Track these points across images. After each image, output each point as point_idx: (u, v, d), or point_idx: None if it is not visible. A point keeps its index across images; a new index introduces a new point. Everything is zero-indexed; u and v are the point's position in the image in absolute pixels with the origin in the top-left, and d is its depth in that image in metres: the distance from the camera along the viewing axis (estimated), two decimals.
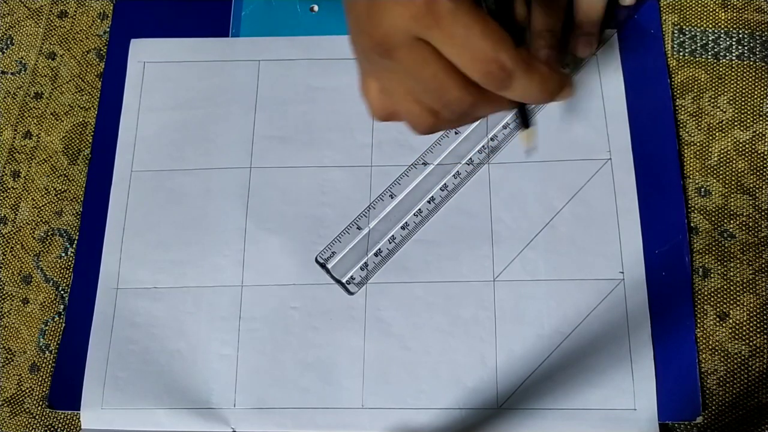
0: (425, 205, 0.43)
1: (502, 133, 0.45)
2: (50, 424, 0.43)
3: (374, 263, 0.42)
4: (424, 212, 0.43)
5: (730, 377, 0.40)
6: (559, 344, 0.40)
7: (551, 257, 0.42)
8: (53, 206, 0.47)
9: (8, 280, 0.45)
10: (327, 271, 0.42)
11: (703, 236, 0.42)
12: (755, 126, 0.44)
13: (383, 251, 0.43)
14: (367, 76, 0.37)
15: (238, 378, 0.41)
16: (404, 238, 0.43)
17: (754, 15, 0.46)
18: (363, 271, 0.42)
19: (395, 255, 0.43)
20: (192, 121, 0.47)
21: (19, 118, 0.49)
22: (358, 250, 0.43)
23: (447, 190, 0.44)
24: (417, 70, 0.32)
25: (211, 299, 0.43)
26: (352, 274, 0.42)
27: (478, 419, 0.40)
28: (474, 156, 0.44)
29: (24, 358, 0.44)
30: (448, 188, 0.44)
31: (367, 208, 0.44)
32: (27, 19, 0.51)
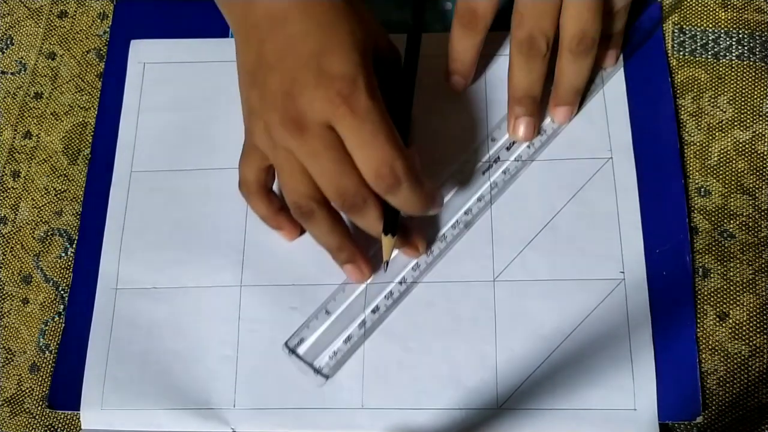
0: (396, 287, 0.42)
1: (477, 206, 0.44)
2: (50, 424, 0.43)
3: (343, 352, 0.41)
4: (395, 294, 0.41)
5: (730, 377, 0.40)
6: (560, 344, 0.40)
7: (552, 257, 0.42)
8: (53, 206, 0.47)
9: (8, 280, 0.45)
10: (299, 357, 0.40)
11: (703, 236, 0.42)
12: (755, 126, 0.44)
13: (353, 337, 0.41)
14: (253, 150, 0.39)
15: (237, 378, 0.41)
16: (374, 323, 0.41)
17: (754, 15, 0.46)
18: (332, 360, 0.40)
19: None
20: (192, 122, 0.47)
21: (19, 118, 0.49)
22: (328, 335, 0.41)
23: (419, 269, 0.42)
24: (320, 152, 0.35)
25: (211, 299, 0.43)
26: (321, 365, 0.41)
27: (478, 419, 0.40)
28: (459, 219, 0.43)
29: (24, 358, 0.44)
30: (420, 267, 0.42)
31: (335, 291, 0.42)
32: (27, 19, 0.51)
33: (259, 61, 0.36)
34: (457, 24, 0.41)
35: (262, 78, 0.36)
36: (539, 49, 0.39)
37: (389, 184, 0.34)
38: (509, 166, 0.43)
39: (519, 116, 0.42)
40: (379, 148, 0.34)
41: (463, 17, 0.41)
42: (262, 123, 0.36)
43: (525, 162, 0.43)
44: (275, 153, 0.37)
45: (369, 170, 0.34)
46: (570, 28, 0.39)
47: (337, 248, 0.39)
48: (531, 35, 0.39)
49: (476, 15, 0.40)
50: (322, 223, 0.38)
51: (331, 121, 0.34)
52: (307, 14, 0.36)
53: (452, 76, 0.44)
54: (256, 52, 0.37)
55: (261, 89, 0.36)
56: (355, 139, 0.34)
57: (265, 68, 0.36)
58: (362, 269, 0.40)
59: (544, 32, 0.39)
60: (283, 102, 0.35)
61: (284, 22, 0.36)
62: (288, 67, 0.35)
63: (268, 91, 0.36)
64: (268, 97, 0.36)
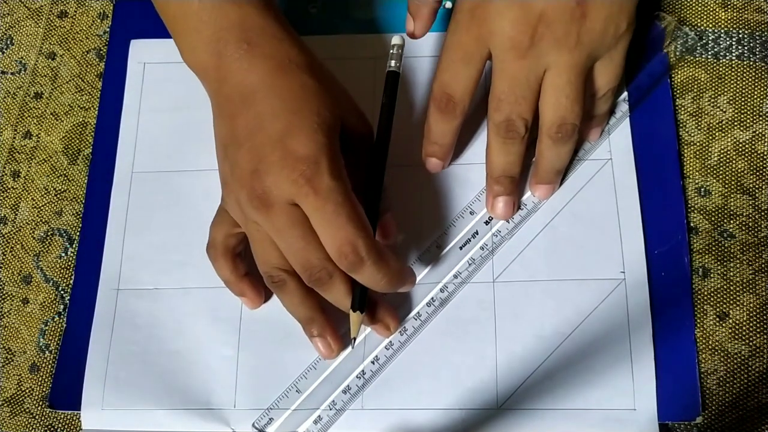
0: (369, 365, 0.41)
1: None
2: (50, 424, 0.43)
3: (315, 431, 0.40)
4: (367, 374, 0.40)
5: (730, 377, 0.40)
6: (559, 344, 0.40)
7: (551, 257, 0.42)
8: (53, 206, 0.47)
9: (8, 280, 0.45)
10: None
11: (702, 236, 0.42)
12: (755, 126, 0.44)
13: (323, 418, 0.40)
14: (225, 215, 0.40)
15: (238, 378, 0.41)
16: (346, 403, 0.40)
17: (754, 15, 0.46)
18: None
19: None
20: (193, 122, 0.47)
21: (19, 118, 0.49)
22: (298, 415, 0.40)
23: (392, 348, 0.41)
24: (285, 228, 0.36)
25: (212, 300, 0.43)
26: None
27: (478, 419, 0.40)
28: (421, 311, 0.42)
29: (24, 358, 0.44)
30: (393, 346, 0.41)
31: (307, 368, 0.41)
32: (27, 19, 0.51)
33: (231, 136, 0.37)
34: (434, 108, 0.41)
35: (232, 154, 0.37)
36: (517, 132, 0.39)
37: (352, 262, 0.35)
38: (487, 242, 0.42)
39: (497, 195, 0.42)
40: (341, 227, 0.35)
41: (440, 102, 0.40)
42: (233, 195, 0.38)
43: (504, 237, 0.42)
44: (246, 224, 0.38)
45: (332, 248, 0.35)
46: (549, 115, 0.39)
47: (307, 320, 0.39)
48: (509, 119, 0.39)
49: (452, 100, 0.40)
50: (293, 294, 0.38)
51: (295, 199, 0.35)
52: (275, 93, 0.37)
53: (429, 158, 0.43)
54: (228, 126, 0.38)
55: (232, 164, 0.37)
56: (319, 219, 0.35)
57: (236, 144, 0.37)
58: (331, 345, 0.40)
59: (522, 116, 0.39)
60: (251, 179, 0.36)
61: (253, 99, 0.37)
62: (256, 145, 0.36)
63: (237, 167, 0.37)
64: (237, 172, 0.37)
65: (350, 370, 0.41)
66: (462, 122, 0.41)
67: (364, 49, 0.47)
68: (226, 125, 0.38)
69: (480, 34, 0.38)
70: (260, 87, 0.37)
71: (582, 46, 0.37)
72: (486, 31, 0.38)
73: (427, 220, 0.43)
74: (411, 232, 0.43)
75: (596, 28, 0.37)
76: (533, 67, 0.38)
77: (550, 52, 0.37)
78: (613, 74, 0.40)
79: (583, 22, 0.37)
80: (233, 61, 0.37)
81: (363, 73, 0.47)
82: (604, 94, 0.41)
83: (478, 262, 0.42)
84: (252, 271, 0.40)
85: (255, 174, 0.36)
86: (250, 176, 0.36)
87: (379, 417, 0.40)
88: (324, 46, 0.47)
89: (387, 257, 0.36)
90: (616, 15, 0.38)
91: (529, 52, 0.37)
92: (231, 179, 0.37)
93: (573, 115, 0.39)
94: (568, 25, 0.37)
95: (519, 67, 0.38)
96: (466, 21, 0.39)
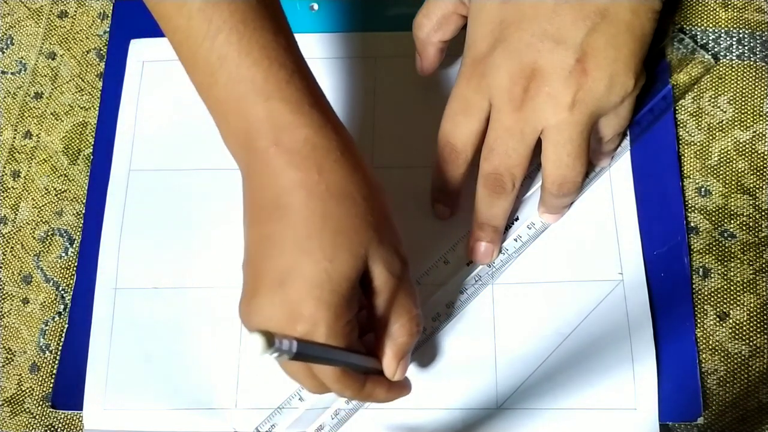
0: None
1: None
2: (50, 424, 0.43)
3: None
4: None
5: (731, 377, 0.40)
6: (559, 344, 0.40)
7: (551, 258, 0.42)
8: (53, 206, 0.47)
9: (8, 280, 0.45)
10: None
11: (703, 236, 0.42)
12: (755, 126, 0.44)
13: (325, 427, 0.40)
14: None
15: (239, 378, 0.41)
16: (348, 414, 0.40)
17: (755, 15, 0.46)
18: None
19: None
20: (191, 121, 0.47)
21: (19, 118, 0.49)
22: (301, 423, 0.40)
23: None
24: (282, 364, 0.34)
25: (212, 299, 0.43)
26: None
27: (478, 419, 0.40)
28: None
29: (24, 358, 0.44)
30: None
31: None
32: (27, 19, 0.51)
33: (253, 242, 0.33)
34: (439, 156, 0.41)
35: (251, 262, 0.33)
36: (503, 187, 0.38)
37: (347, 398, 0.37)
38: (494, 261, 0.42)
39: (478, 240, 0.41)
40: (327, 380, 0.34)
41: (443, 150, 0.40)
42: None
43: (511, 255, 0.42)
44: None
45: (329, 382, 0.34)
46: (550, 171, 0.38)
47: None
48: (497, 172, 0.38)
49: (455, 150, 0.40)
50: None
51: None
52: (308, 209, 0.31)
53: (436, 204, 0.43)
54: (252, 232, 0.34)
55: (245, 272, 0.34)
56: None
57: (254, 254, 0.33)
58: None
59: (510, 170, 0.38)
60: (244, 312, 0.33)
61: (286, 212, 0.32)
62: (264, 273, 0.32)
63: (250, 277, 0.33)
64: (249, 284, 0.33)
65: None
66: (467, 170, 0.40)
67: (365, 48, 0.47)
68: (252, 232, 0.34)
69: (480, 86, 0.38)
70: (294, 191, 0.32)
71: (583, 104, 0.37)
72: (485, 84, 0.38)
73: (435, 234, 0.43)
74: (419, 247, 0.42)
75: (599, 87, 0.36)
76: (529, 120, 0.37)
77: (546, 107, 0.37)
78: (619, 126, 0.40)
79: (584, 80, 0.36)
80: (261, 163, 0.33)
81: (363, 73, 0.47)
82: (610, 139, 0.41)
83: (485, 279, 0.42)
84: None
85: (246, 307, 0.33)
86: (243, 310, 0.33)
87: (379, 417, 0.40)
88: (323, 45, 0.47)
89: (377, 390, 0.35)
90: (621, 74, 0.37)
91: (524, 105, 0.37)
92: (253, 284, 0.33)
93: (575, 173, 0.38)
94: (566, 81, 0.36)
95: (514, 120, 0.37)
96: (468, 73, 0.39)
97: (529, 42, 0.37)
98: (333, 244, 0.31)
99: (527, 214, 0.43)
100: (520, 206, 0.43)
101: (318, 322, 0.31)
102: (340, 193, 0.32)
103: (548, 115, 0.37)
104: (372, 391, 0.35)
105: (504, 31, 0.38)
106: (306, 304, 0.31)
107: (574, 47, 0.36)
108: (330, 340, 0.31)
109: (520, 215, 0.43)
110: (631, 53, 0.37)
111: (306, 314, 0.31)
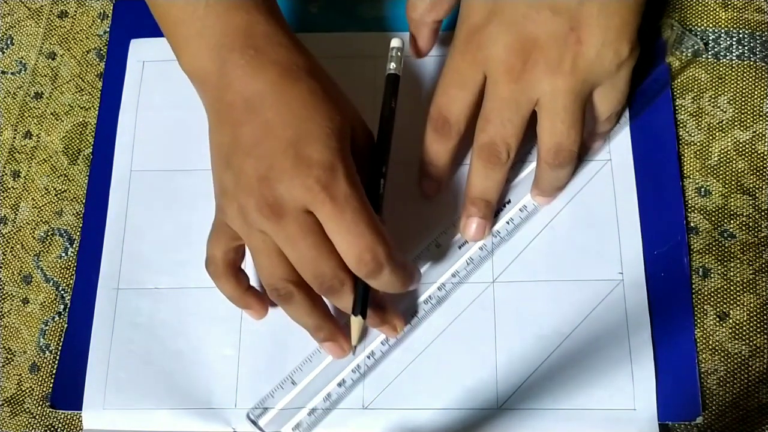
0: (364, 360, 0.41)
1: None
2: (50, 424, 0.43)
3: (308, 423, 0.40)
4: (362, 368, 0.41)
5: (730, 377, 0.40)
6: (559, 345, 0.40)
7: (551, 258, 0.42)
8: (53, 206, 0.47)
9: (8, 280, 0.45)
10: (259, 429, 0.40)
11: (703, 236, 0.42)
12: (755, 126, 0.44)
13: (318, 409, 0.40)
14: (223, 228, 0.38)
15: (239, 378, 0.41)
16: (340, 396, 0.40)
17: (755, 15, 0.46)
18: (296, 430, 0.40)
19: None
20: (192, 121, 0.46)
21: (19, 118, 0.49)
22: (293, 406, 0.40)
23: (388, 344, 0.41)
24: (298, 237, 0.34)
25: (213, 300, 0.43)
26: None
27: (478, 419, 0.40)
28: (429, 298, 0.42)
29: (24, 358, 0.44)
30: (389, 342, 0.41)
31: (303, 361, 0.41)
32: (27, 19, 0.51)
33: (235, 144, 0.36)
34: (430, 129, 0.41)
35: (237, 162, 0.36)
36: (498, 158, 0.39)
37: (372, 269, 0.34)
38: (486, 242, 0.42)
39: (471, 216, 0.41)
40: (360, 235, 0.34)
41: (436, 123, 0.40)
42: (236, 205, 0.36)
43: (503, 238, 0.42)
44: (250, 235, 0.36)
45: (351, 256, 0.34)
46: (545, 140, 0.38)
47: (316, 328, 0.39)
48: (492, 142, 0.38)
49: (448, 122, 0.40)
50: (300, 305, 0.37)
51: (309, 206, 0.34)
52: (284, 100, 0.36)
53: (424, 179, 0.43)
54: (231, 134, 0.36)
55: (236, 173, 0.36)
56: (336, 226, 0.34)
57: (241, 152, 0.35)
58: (342, 346, 0.39)
59: (506, 140, 0.38)
60: (260, 187, 0.34)
61: (260, 107, 0.35)
62: (264, 153, 0.35)
63: (243, 174, 0.35)
64: (243, 180, 0.35)
65: (345, 364, 0.41)
66: (457, 144, 0.41)
67: (365, 48, 0.47)
68: (228, 134, 0.36)
69: (475, 59, 0.38)
70: (267, 94, 0.36)
71: (577, 71, 0.37)
72: (481, 56, 0.38)
73: (427, 218, 0.43)
74: (411, 230, 0.43)
75: (591, 54, 0.37)
76: (525, 91, 0.37)
77: (543, 77, 0.37)
78: (616, 100, 0.40)
79: (578, 47, 0.37)
80: (238, 68, 0.36)
81: (364, 72, 0.47)
82: (607, 117, 0.41)
83: (477, 262, 0.42)
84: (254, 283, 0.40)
85: (264, 181, 0.34)
86: (259, 184, 0.34)
87: (379, 417, 0.40)
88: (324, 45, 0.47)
89: (403, 262, 0.36)
90: (614, 41, 0.37)
91: (521, 76, 0.37)
92: (235, 188, 0.36)
93: (569, 141, 0.38)
94: (561, 50, 0.37)
95: (510, 91, 0.38)
96: (463, 46, 0.39)
97: (525, 13, 0.37)
98: (327, 110, 0.36)
99: (519, 198, 0.43)
100: (512, 190, 0.43)
101: (335, 167, 0.34)
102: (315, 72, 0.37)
103: (544, 84, 0.37)
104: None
105: (499, 3, 0.38)
106: (322, 155, 0.34)
107: (569, 16, 0.37)
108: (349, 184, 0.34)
109: (512, 198, 0.43)
110: (623, 21, 0.37)
111: (325, 163, 0.34)
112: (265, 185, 0.34)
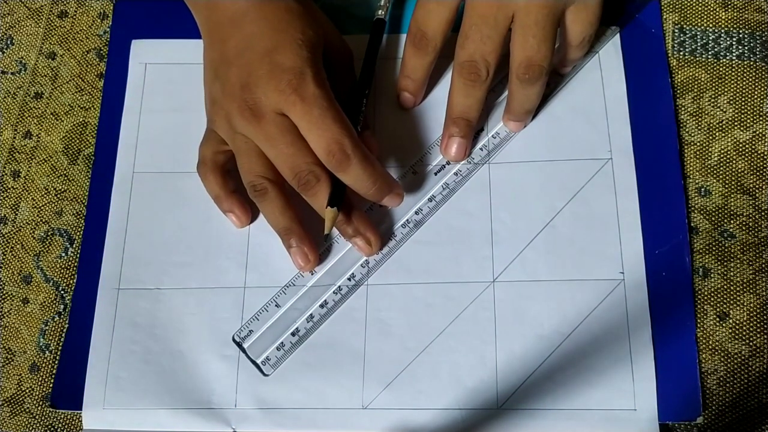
0: (345, 282, 0.42)
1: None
2: (50, 424, 0.43)
3: (291, 343, 0.41)
4: (344, 290, 0.42)
5: (731, 377, 0.40)
6: (559, 344, 0.40)
7: (551, 257, 0.42)
8: (53, 206, 0.47)
9: (8, 280, 0.45)
10: (243, 351, 0.41)
11: (703, 236, 0.42)
12: (755, 126, 0.44)
13: (300, 330, 0.41)
14: (213, 135, 0.42)
15: (239, 378, 0.41)
16: (323, 317, 0.42)
17: (755, 15, 0.46)
18: (279, 351, 0.41)
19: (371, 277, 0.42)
20: (194, 123, 0.46)
21: (19, 118, 0.49)
22: (276, 328, 0.42)
23: (368, 266, 0.42)
24: (276, 136, 0.38)
25: (214, 300, 0.43)
26: (268, 355, 0.41)
27: (478, 419, 0.40)
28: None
29: (24, 358, 0.44)
30: (369, 264, 0.42)
31: (286, 285, 0.42)
32: (27, 19, 0.51)
33: (222, 57, 0.40)
34: (409, 43, 0.43)
35: (223, 72, 0.40)
36: (478, 74, 0.40)
37: (339, 160, 0.38)
38: (461, 168, 0.44)
39: (452, 136, 0.43)
40: (327, 128, 0.38)
41: (414, 37, 0.42)
42: (223, 112, 0.40)
43: (477, 165, 0.44)
44: (234, 138, 0.40)
45: (320, 148, 0.38)
46: (516, 54, 0.40)
47: (286, 229, 0.41)
48: (472, 59, 0.40)
49: (426, 36, 0.42)
50: (274, 202, 0.40)
51: (283, 108, 0.38)
52: (263, 16, 0.40)
53: (402, 92, 0.45)
54: (219, 49, 0.41)
55: (222, 82, 0.40)
56: (306, 123, 0.38)
57: (226, 63, 0.40)
58: (308, 255, 0.41)
59: (485, 57, 0.40)
60: (241, 93, 0.39)
61: (242, 22, 0.40)
62: (245, 62, 0.39)
63: (228, 83, 0.40)
64: (228, 88, 0.40)
65: (327, 286, 0.42)
66: (434, 59, 0.43)
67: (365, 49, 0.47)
68: (217, 48, 0.41)
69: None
70: (250, 11, 0.40)
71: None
72: None
73: (404, 146, 0.45)
74: (389, 159, 0.45)
75: None
76: (502, 7, 0.39)
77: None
78: (587, 21, 0.41)
79: None
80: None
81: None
82: (579, 42, 0.41)
83: (452, 186, 0.43)
84: (239, 189, 0.42)
85: (245, 88, 0.39)
86: (241, 90, 0.39)
87: (379, 417, 0.40)
88: None
89: (372, 159, 0.39)
90: None
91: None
92: (221, 96, 0.40)
93: (540, 56, 0.39)
94: None
95: (488, 7, 0.39)
96: None
97: None
98: (302, 24, 0.40)
99: (492, 126, 0.45)
100: (485, 119, 0.45)
101: (304, 71, 0.38)
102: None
103: (520, 1, 0.38)
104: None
105: None
106: (292, 62, 0.38)
107: None
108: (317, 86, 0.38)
109: (486, 127, 0.45)
110: None
111: (295, 68, 0.38)
112: (246, 91, 0.39)
